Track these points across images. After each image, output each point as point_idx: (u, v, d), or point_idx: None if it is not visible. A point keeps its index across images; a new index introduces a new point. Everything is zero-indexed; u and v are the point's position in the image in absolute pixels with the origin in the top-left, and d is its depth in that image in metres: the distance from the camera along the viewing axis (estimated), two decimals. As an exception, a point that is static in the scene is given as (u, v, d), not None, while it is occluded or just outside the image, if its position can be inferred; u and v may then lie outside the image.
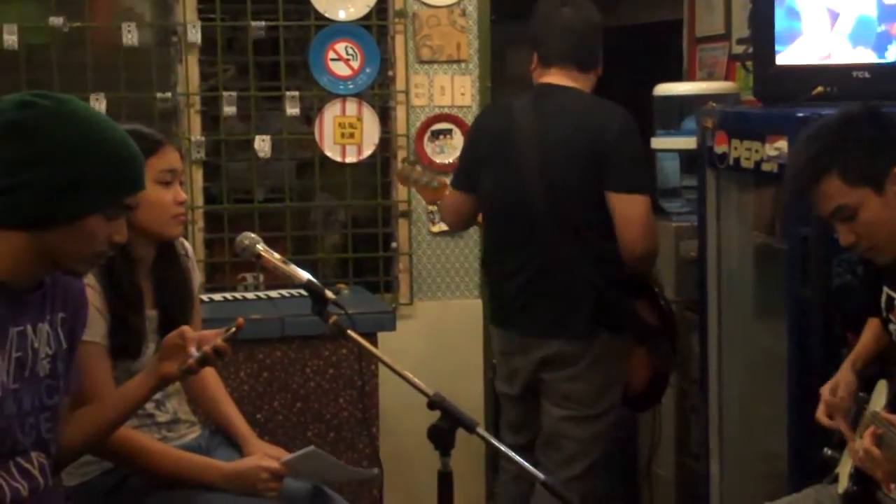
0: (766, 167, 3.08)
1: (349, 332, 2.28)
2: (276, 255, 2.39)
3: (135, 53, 4.17)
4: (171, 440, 2.64)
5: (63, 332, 2.13)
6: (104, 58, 4.14)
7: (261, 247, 2.39)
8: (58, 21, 4.04)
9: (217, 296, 3.95)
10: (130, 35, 4.09)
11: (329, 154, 4.34)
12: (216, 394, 2.84)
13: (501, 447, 2.22)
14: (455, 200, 3.54)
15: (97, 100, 4.04)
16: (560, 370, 3.33)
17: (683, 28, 4.64)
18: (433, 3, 4.38)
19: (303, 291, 2.34)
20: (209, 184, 4.35)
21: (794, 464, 3.02)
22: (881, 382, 2.55)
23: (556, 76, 3.35)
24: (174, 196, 2.58)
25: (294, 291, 3.92)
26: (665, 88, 4.10)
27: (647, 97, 4.10)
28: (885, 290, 2.55)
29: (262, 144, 4.27)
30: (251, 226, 4.19)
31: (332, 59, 4.29)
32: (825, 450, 2.63)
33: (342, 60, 4.30)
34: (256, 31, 4.22)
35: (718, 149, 3.34)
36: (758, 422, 3.46)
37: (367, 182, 4.51)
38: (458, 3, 4.40)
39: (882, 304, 2.57)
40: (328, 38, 4.29)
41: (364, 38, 4.31)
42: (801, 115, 2.94)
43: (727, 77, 4.24)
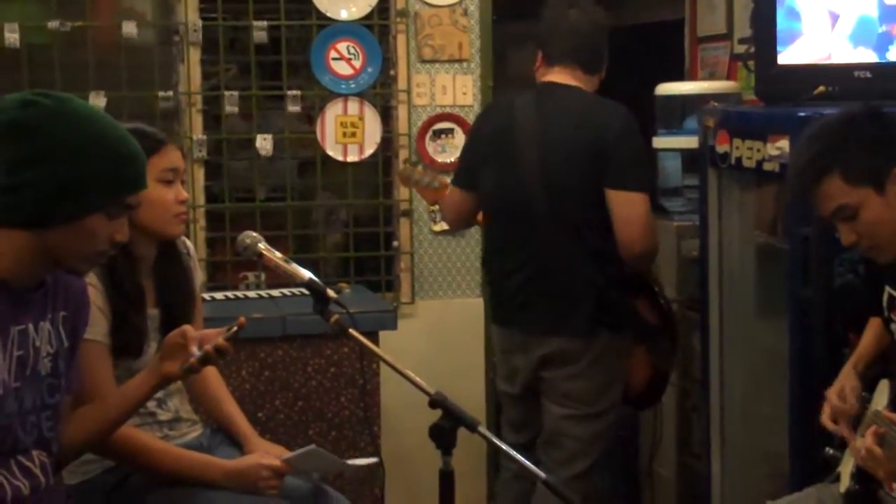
0: (768, 167, 3.08)
1: (351, 331, 2.28)
2: (278, 254, 2.39)
3: (136, 52, 4.17)
4: (173, 439, 2.64)
5: (65, 331, 2.13)
6: (106, 57, 4.14)
7: (262, 246, 2.39)
8: (59, 21, 4.04)
9: (219, 294, 3.96)
10: (132, 34, 4.09)
11: (331, 153, 4.34)
12: (218, 392, 2.84)
13: (503, 446, 2.23)
14: (456, 199, 3.54)
15: (98, 98, 4.03)
16: (560, 368, 3.33)
17: (685, 28, 4.64)
18: (435, 3, 4.37)
19: (304, 290, 2.34)
20: (211, 183, 4.35)
21: (796, 463, 3.01)
22: (883, 382, 2.55)
23: (560, 75, 3.35)
24: (176, 195, 2.58)
25: (295, 290, 3.92)
26: (667, 88, 4.10)
27: (649, 97, 4.10)
28: (887, 290, 2.55)
29: (264, 143, 4.27)
30: (253, 225, 4.18)
31: (334, 59, 4.29)
32: (827, 449, 2.62)
33: (344, 60, 4.30)
34: (258, 31, 4.22)
35: (720, 148, 3.34)
36: (759, 421, 3.45)
37: (369, 181, 4.51)
38: (460, 3, 4.39)
39: (884, 304, 2.57)
40: (330, 38, 4.29)
41: (366, 38, 4.31)
42: (803, 115, 2.94)
43: (729, 77, 4.24)
